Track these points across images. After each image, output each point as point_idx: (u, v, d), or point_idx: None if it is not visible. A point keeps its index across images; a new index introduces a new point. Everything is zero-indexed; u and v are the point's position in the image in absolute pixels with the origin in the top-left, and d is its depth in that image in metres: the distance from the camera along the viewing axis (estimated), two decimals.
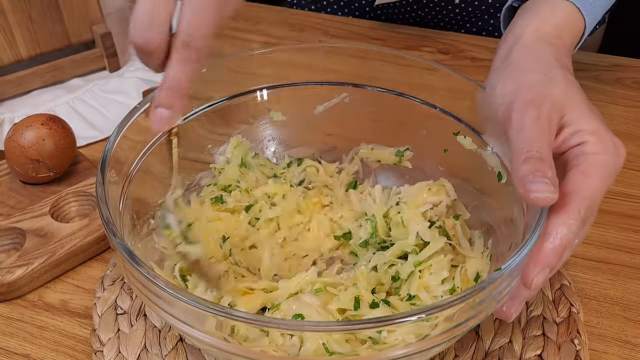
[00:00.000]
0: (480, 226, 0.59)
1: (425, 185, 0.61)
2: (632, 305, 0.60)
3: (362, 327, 0.43)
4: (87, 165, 0.71)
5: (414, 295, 0.54)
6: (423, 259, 0.55)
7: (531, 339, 0.56)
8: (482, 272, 0.55)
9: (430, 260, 0.55)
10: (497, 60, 0.56)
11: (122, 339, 0.56)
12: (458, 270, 0.55)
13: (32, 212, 0.65)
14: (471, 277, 0.55)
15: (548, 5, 0.57)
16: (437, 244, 0.56)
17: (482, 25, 0.98)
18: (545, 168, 0.45)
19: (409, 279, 0.55)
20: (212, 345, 0.45)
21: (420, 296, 0.53)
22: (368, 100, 0.64)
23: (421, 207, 0.59)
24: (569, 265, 0.63)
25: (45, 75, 0.85)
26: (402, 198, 0.61)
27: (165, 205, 0.50)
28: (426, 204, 0.60)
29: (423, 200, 0.60)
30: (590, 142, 0.48)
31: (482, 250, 0.57)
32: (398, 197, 0.62)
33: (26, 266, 0.60)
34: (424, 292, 0.54)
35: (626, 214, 0.68)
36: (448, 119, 0.61)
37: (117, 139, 0.54)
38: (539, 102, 0.49)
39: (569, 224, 0.46)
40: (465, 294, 0.42)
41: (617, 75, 0.87)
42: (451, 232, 0.59)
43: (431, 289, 0.54)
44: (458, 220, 0.59)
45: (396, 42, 0.95)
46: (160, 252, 0.57)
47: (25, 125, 0.67)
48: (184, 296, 0.42)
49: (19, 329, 0.58)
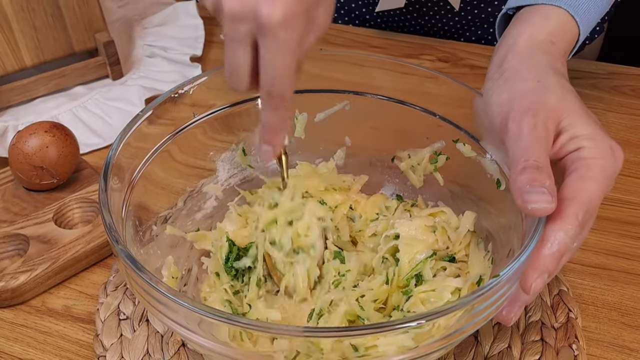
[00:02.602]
0: (479, 233, 0.59)
1: (423, 225, 0.58)
2: (630, 310, 0.60)
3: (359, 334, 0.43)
4: (90, 172, 0.72)
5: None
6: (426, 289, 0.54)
7: (530, 344, 0.56)
8: (485, 275, 0.55)
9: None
10: (492, 69, 0.56)
11: (124, 344, 0.57)
12: (465, 284, 0.54)
13: (35, 219, 0.66)
14: (474, 280, 0.55)
15: (541, 13, 0.57)
16: (443, 291, 0.54)
17: (481, 34, 0.99)
18: (542, 177, 0.45)
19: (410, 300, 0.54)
20: (213, 350, 0.46)
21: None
22: (368, 107, 0.65)
23: (420, 254, 0.56)
24: (567, 271, 0.64)
25: (48, 83, 0.85)
26: (400, 239, 0.57)
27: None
28: (425, 250, 0.56)
29: (422, 246, 0.57)
30: (587, 147, 0.48)
31: (483, 255, 0.57)
32: (394, 240, 0.58)
33: (30, 272, 0.61)
34: (422, 307, 0.53)
35: (624, 221, 0.69)
36: (447, 127, 0.61)
37: (120, 146, 0.54)
38: (535, 110, 0.49)
39: (567, 229, 0.46)
40: (464, 301, 0.43)
41: (613, 83, 0.88)
42: (457, 249, 0.58)
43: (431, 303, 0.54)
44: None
45: (396, 50, 0.95)
46: (161, 259, 0.58)
47: (29, 133, 0.67)
48: (185, 302, 0.43)
49: (23, 334, 0.59)
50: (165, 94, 0.59)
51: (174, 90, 0.60)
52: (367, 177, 0.66)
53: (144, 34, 0.98)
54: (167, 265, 0.58)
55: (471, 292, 0.44)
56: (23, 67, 0.83)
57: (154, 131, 0.58)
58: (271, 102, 0.49)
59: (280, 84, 0.48)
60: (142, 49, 0.95)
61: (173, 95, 0.60)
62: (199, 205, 0.64)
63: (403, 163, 0.65)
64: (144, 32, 0.98)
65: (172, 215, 0.61)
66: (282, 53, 0.46)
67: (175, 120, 0.60)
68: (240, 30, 0.46)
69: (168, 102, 0.59)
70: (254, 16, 0.45)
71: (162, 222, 0.60)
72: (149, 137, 0.58)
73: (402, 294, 0.55)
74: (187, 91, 0.60)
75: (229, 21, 0.46)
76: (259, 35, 0.46)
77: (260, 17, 0.45)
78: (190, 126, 0.62)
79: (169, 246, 0.60)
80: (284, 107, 0.49)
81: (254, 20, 0.45)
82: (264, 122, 0.50)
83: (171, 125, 0.60)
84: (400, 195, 0.66)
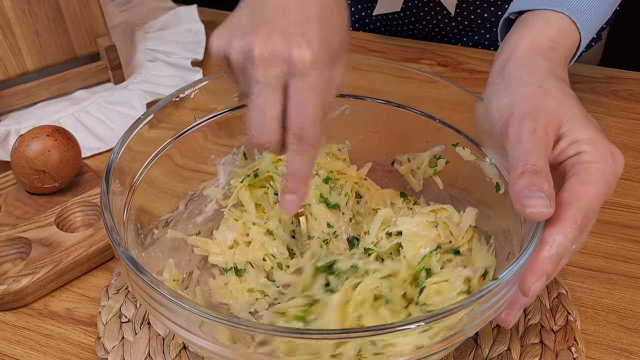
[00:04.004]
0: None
1: (425, 221, 0.58)
2: (628, 313, 0.61)
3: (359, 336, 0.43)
4: (92, 176, 0.72)
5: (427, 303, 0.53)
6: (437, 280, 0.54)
7: (529, 346, 0.57)
8: (490, 269, 0.55)
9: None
10: (493, 74, 0.56)
11: (126, 346, 0.57)
12: (475, 274, 0.54)
13: (37, 222, 0.66)
14: (480, 273, 0.55)
15: (543, 18, 0.58)
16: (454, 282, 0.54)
17: (478, 39, 0.99)
18: (541, 181, 0.46)
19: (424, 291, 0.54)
20: (214, 352, 0.46)
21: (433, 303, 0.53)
22: (368, 111, 0.65)
23: (424, 249, 0.57)
24: (566, 274, 0.64)
25: (50, 87, 0.86)
26: (403, 237, 0.58)
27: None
28: (429, 244, 0.57)
29: (425, 241, 0.57)
30: (587, 151, 0.48)
31: (486, 249, 0.57)
32: (396, 238, 0.58)
33: (32, 275, 0.61)
34: (437, 298, 0.53)
35: (622, 224, 0.69)
36: (447, 131, 0.62)
37: (121, 150, 0.55)
38: (535, 115, 0.49)
39: (566, 232, 0.46)
40: (464, 303, 0.43)
41: (612, 87, 0.88)
42: (460, 243, 0.58)
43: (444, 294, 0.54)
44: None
45: (396, 54, 0.96)
46: (162, 262, 0.58)
47: (31, 137, 0.68)
48: (186, 304, 0.43)
49: (25, 337, 0.59)
50: (167, 98, 0.60)
51: (175, 95, 0.60)
52: (371, 163, 0.67)
53: (145, 38, 0.98)
54: (168, 268, 0.58)
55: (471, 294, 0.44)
56: (25, 71, 0.84)
57: (155, 135, 0.59)
58: (300, 146, 0.49)
59: (311, 126, 0.48)
60: (144, 54, 0.95)
61: (174, 99, 0.60)
62: (200, 209, 0.64)
63: (403, 167, 0.65)
64: (145, 37, 0.98)
65: (173, 218, 0.62)
66: (313, 95, 0.48)
67: (176, 124, 0.61)
68: (271, 74, 0.48)
69: (169, 106, 0.60)
70: (286, 58, 0.47)
71: (164, 226, 0.60)
72: (150, 141, 0.58)
73: (415, 286, 0.55)
74: (188, 95, 0.61)
75: (260, 65, 0.48)
76: (290, 77, 0.47)
77: (292, 58, 0.47)
78: (191, 130, 0.62)
79: (170, 249, 0.60)
80: (311, 153, 0.49)
81: (285, 62, 0.47)
82: (290, 169, 0.50)
83: (172, 129, 0.61)
84: (404, 193, 0.66)
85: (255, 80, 0.48)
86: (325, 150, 0.66)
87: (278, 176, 0.62)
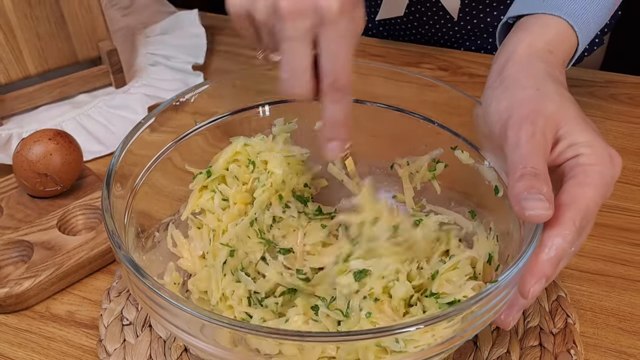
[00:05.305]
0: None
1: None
2: (627, 316, 0.61)
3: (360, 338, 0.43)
4: (94, 179, 0.73)
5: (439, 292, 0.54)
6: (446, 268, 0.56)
7: (528, 349, 0.57)
8: (494, 253, 0.56)
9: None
10: (491, 78, 0.56)
11: (127, 349, 0.57)
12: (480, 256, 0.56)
13: (39, 225, 0.66)
14: (485, 260, 0.56)
15: (540, 22, 0.58)
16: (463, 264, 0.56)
17: (480, 43, 0.99)
18: (540, 184, 0.46)
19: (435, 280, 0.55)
20: (215, 355, 0.46)
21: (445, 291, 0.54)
22: (368, 115, 0.65)
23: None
24: (565, 277, 0.64)
25: (52, 91, 0.86)
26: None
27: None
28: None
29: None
30: (585, 153, 0.49)
31: (486, 235, 0.58)
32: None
33: (34, 278, 0.61)
34: (448, 286, 0.54)
35: (621, 227, 0.69)
36: (446, 134, 0.62)
37: (122, 154, 0.55)
38: (534, 118, 0.49)
39: (564, 235, 0.46)
40: (463, 306, 0.43)
41: (611, 91, 0.89)
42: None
43: (454, 282, 0.55)
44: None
45: (396, 58, 0.96)
46: (163, 266, 0.58)
47: (33, 140, 0.68)
48: (187, 307, 0.43)
49: (27, 339, 0.59)
50: (167, 102, 0.60)
51: (175, 98, 0.60)
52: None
53: (146, 42, 0.99)
54: (169, 271, 0.58)
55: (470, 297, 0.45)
56: (27, 75, 0.84)
57: (156, 139, 0.59)
58: (335, 94, 0.50)
59: (344, 73, 0.49)
60: (145, 58, 0.95)
61: (175, 103, 0.60)
62: None
63: (402, 170, 0.66)
64: (146, 41, 0.99)
65: (174, 221, 0.62)
66: (344, 41, 0.49)
67: (177, 127, 0.61)
68: (300, 27, 0.48)
69: (170, 110, 0.60)
70: (314, 9, 0.48)
71: (164, 229, 0.61)
72: (151, 145, 0.59)
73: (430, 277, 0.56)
74: (188, 99, 0.61)
75: (289, 20, 0.48)
76: (320, 27, 0.48)
77: (320, 8, 0.47)
78: (192, 134, 0.62)
79: (171, 252, 0.60)
80: (347, 99, 0.51)
81: (314, 14, 0.48)
82: (328, 118, 0.51)
83: (173, 132, 0.61)
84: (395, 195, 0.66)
85: (285, 36, 0.49)
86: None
87: (230, 178, 0.62)
